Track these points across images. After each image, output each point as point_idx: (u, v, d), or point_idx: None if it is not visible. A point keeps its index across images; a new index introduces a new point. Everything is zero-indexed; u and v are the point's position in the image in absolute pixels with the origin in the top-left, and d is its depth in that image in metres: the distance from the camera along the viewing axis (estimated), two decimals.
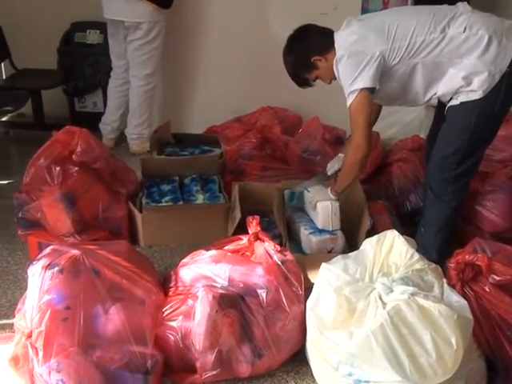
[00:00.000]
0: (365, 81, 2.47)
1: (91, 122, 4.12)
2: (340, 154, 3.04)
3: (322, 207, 2.83)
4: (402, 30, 2.49)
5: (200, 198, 3.18)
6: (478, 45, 2.42)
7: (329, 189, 2.85)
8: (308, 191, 2.98)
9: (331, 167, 3.06)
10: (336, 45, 2.59)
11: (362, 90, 2.48)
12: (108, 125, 4.31)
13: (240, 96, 4.42)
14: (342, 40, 2.58)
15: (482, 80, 2.42)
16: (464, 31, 2.44)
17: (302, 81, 2.78)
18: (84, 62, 4.41)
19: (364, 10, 4.18)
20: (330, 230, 2.84)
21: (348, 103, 2.54)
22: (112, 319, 2.09)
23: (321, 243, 2.82)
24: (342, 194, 2.84)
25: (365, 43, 2.51)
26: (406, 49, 2.48)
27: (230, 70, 4.48)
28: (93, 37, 4.45)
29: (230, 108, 4.38)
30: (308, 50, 2.68)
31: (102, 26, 4.31)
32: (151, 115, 4.26)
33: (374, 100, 2.70)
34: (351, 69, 2.50)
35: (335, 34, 2.64)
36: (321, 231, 2.85)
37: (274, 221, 3.04)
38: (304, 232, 2.88)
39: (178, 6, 4.13)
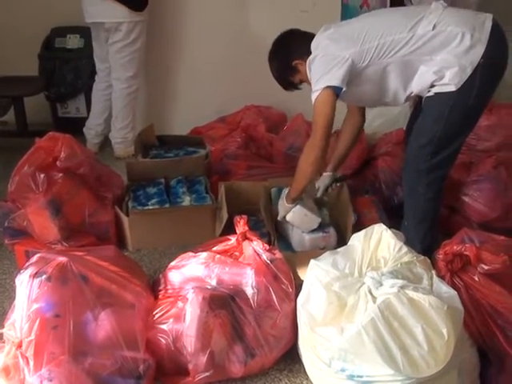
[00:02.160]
0: (331, 79, 2.47)
1: (75, 127, 4.10)
2: (324, 173, 3.05)
3: (290, 219, 2.83)
4: (371, 32, 2.50)
5: (186, 200, 3.16)
6: (449, 41, 2.42)
7: (284, 199, 2.82)
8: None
9: (318, 187, 3.06)
10: (312, 47, 2.62)
11: (327, 87, 2.47)
12: (92, 129, 4.28)
13: (223, 96, 4.42)
14: (317, 43, 2.61)
15: (453, 73, 2.42)
16: (433, 29, 2.43)
17: (287, 84, 2.79)
18: (65, 67, 4.37)
19: (344, 6, 4.19)
20: (316, 227, 2.84)
21: (312, 100, 2.54)
22: (102, 325, 2.08)
23: (314, 241, 2.83)
24: (298, 198, 2.80)
25: (336, 47, 2.52)
26: (375, 50, 2.49)
27: (213, 70, 4.48)
28: (73, 41, 4.41)
29: (214, 108, 4.38)
30: (289, 53, 2.70)
31: (82, 31, 4.30)
32: (135, 118, 4.24)
33: (353, 103, 2.73)
34: (321, 68, 2.52)
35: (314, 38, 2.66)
36: (313, 229, 2.85)
37: (261, 219, 3.05)
38: (296, 230, 2.88)
39: (158, 6, 4.13)
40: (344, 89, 2.49)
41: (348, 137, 2.97)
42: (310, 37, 2.68)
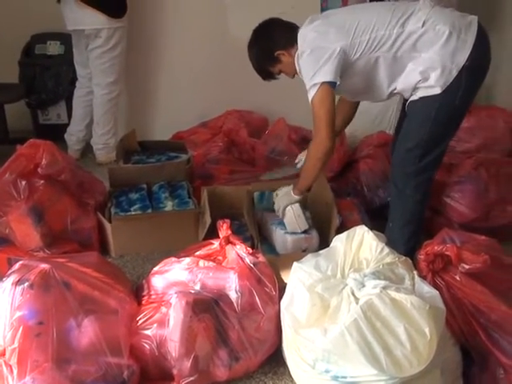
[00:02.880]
0: (325, 75, 2.48)
1: (56, 134, 4.09)
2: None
3: (287, 213, 2.84)
4: (363, 25, 2.51)
5: (169, 205, 3.16)
6: (437, 39, 2.44)
7: (290, 188, 2.84)
8: (276, 195, 2.97)
9: (299, 160, 3.06)
10: (298, 40, 2.62)
11: (322, 83, 2.48)
12: (73, 135, 4.26)
13: (205, 101, 4.43)
14: (304, 36, 2.60)
15: (438, 75, 2.44)
16: (423, 26, 2.46)
17: (266, 74, 2.79)
18: (46, 73, 4.35)
19: (322, 9, 4.22)
20: (299, 231, 2.85)
21: (310, 97, 2.54)
22: (85, 332, 2.07)
23: (296, 242, 2.84)
24: (306, 191, 2.85)
25: (325, 39, 2.52)
26: (367, 43, 2.50)
27: (193, 75, 4.48)
28: (53, 48, 4.40)
29: (196, 113, 4.38)
30: (272, 43, 2.69)
31: (62, 37, 4.29)
32: (116, 124, 4.22)
33: (340, 94, 2.72)
34: (312, 63, 2.51)
35: (299, 29, 2.66)
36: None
37: (244, 223, 3.05)
38: (279, 232, 2.89)
39: (138, 12, 4.13)
40: (338, 82, 2.51)
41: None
42: (292, 27, 2.69)
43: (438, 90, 2.46)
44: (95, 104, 4.10)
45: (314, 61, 2.50)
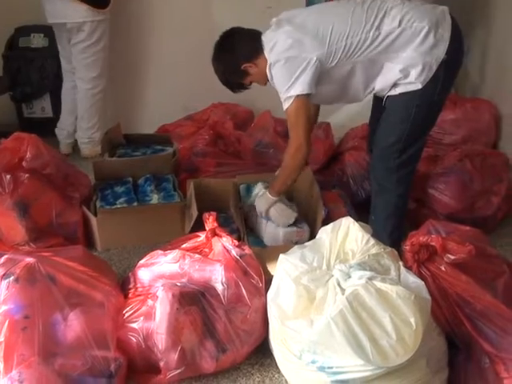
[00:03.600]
0: (301, 87, 2.46)
1: (40, 127, 4.04)
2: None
3: (271, 213, 2.84)
4: (337, 31, 2.47)
5: (155, 198, 3.16)
6: (414, 37, 2.44)
7: (267, 192, 2.83)
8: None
9: None
10: (267, 47, 2.56)
11: (298, 95, 2.47)
12: (64, 129, 4.23)
13: (190, 93, 4.41)
14: (273, 42, 2.53)
15: (419, 72, 2.44)
16: (399, 25, 2.44)
17: (236, 87, 2.77)
18: (30, 66, 4.31)
19: (309, 0, 4.21)
20: (291, 222, 2.86)
21: (284, 108, 2.54)
22: (71, 325, 2.07)
23: (288, 235, 2.85)
24: (283, 192, 2.83)
25: (300, 48, 2.47)
26: (343, 50, 2.47)
27: (179, 68, 4.46)
28: (37, 41, 4.35)
29: (181, 106, 4.36)
30: (236, 58, 2.64)
31: (46, 30, 4.23)
32: (101, 118, 4.19)
33: (314, 102, 2.72)
34: (287, 74, 2.47)
35: (263, 35, 2.61)
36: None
37: (231, 216, 3.05)
38: (271, 224, 2.89)
39: (122, 5, 4.10)
40: (314, 92, 2.50)
41: None
42: (256, 36, 2.63)
43: (418, 86, 2.46)
44: (79, 98, 4.07)
45: (289, 72, 2.47)
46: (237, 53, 2.64)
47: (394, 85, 2.52)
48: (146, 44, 4.47)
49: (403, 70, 2.46)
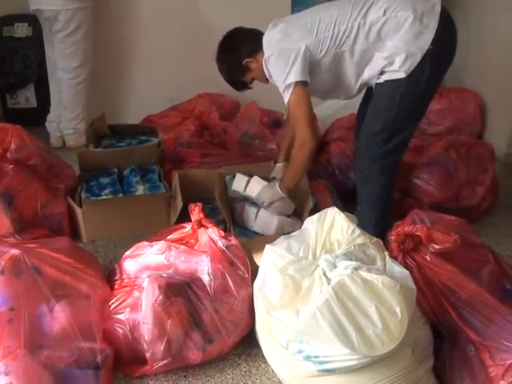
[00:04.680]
0: (296, 74, 2.49)
1: (25, 118, 4.03)
2: (278, 164, 3.09)
3: (274, 206, 2.86)
4: (325, 21, 2.52)
5: (140, 189, 3.15)
6: (399, 26, 2.45)
7: (277, 185, 2.83)
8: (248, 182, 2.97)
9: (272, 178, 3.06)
10: (264, 45, 2.62)
11: (296, 83, 2.50)
12: (53, 121, 4.19)
13: (176, 84, 4.39)
14: (268, 40, 2.61)
15: (403, 60, 2.45)
16: (384, 14, 2.46)
17: (239, 85, 2.81)
18: (14, 56, 4.27)
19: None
20: (289, 213, 2.90)
21: (285, 100, 2.57)
22: (57, 317, 2.07)
23: (282, 223, 2.86)
24: (293, 189, 2.86)
25: (289, 40, 2.53)
26: (331, 39, 2.51)
27: (164, 58, 4.45)
28: (21, 30, 4.30)
29: (166, 96, 4.35)
30: (238, 54, 2.70)
31: (30, 19, 4.20)
32: (85, 108, 4.16)
33: (310, 95, 2.73)
34: (281, 66, 2.52)
35: (263, 35, 2.66)
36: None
37: (216, 207, 3.04)
38: (265, 212, 2.88)
39: None
40: (309, 81, 2.52)
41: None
42: (256, 33, 2.69)
43: (402, 74, 2.48)
44: (62, 88, 4.04)
45: (283, 63, 2.51)
46: (238, 49, 2.71)
47: (381, 73, 2.54)
48: (131, 33, 4.44)
49: (388, 58, 2.48)
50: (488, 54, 4.19)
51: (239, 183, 2.94)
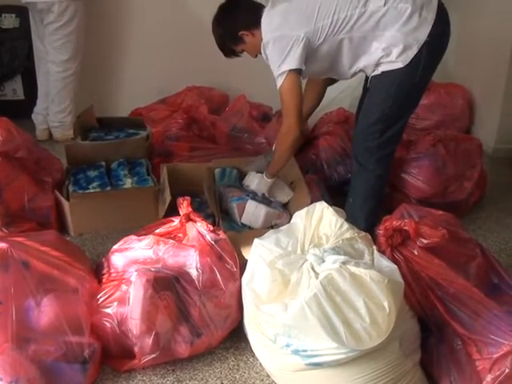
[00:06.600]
0: (291, 63, 2.50)
1: (12, 110, 3.97)
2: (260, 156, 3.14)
3: (270, 192, 2.96)
4: (324, 8, 2.51)
5: (128, 182, 3.13)
6: (399, 17, 2.46)
7: (263, 176, 2.94)
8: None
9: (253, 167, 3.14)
10: (262, 26, 2.62)
11: (289, 71, 2.51)
12: (39, 114, 4.17)
13: (164, 76, 4.39)
14: (268, 21, 2.60)
15: (400, 51, 2.47)
16: (384, 5, 2.47)
17: (228, 51, 2.81)
18: (1, 47, 4.22)
19: None
20: (286, 201, 3.00)
21: (278, 85, 2.57)
22: (45, 311, 2.05)
23: (269, 215, 2.87)
24: (277, 174, 2.93)
25: (288, 26, 2.53)
26: (330, 26, 2.50)
27: (153, 51, 4.44)
28: (8, 21, 4.26)
29: (154, 89, 4.33)
30: (236, 23, 2.70)
31: (17, 10, 4.17)
32: (73, 102, 4.13)
33: (306, 77, 2.74)
34: (278, 53, 2.53)
35: (264, 11, 2.65)
36: (269, 203, 2.91)
37: (205, 201, 3.04)
38: (252, 202, 2.89)
39: None
40: (304, 68, 2.53)
41: (306, 109, 2.98)
42: (257, 7, 2.69)
43: (399, 65, 2.49)
44: (50, 81, 4.02)
45: (280, 50, 2.52)
46: (237, 19, 2.71)
47: (378, 64, 2.55)
48: (120, 26, 4.42)
49: (386, 49, 2.49)
50: (476, 50, 4.20)
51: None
